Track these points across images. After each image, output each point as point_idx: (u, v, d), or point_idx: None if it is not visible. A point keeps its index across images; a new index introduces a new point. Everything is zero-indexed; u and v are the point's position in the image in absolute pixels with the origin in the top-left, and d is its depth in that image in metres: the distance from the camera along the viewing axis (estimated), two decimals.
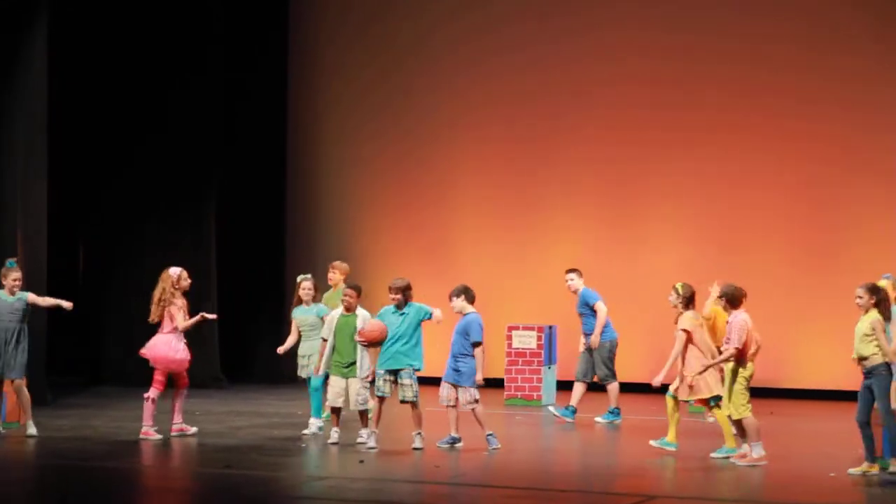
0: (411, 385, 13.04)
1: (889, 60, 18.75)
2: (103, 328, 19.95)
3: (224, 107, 20.32)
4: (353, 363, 13.24)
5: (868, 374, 11.83)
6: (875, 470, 11.84)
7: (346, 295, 13.55)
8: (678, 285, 13.51)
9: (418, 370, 13.10)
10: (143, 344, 19.62)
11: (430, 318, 13.20)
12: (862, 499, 11.35)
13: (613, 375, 16.01)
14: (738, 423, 12.57)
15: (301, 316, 14.52)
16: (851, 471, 11.89)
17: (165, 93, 19.87)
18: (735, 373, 12.49)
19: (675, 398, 13.37)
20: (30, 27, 17.29)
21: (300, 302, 14.54)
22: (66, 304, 14.12)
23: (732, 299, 12.63)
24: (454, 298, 13.35)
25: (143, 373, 19.38)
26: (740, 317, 12.51)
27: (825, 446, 13.83)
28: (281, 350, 14.66)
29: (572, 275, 16.27)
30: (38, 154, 17.46)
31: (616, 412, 15.81)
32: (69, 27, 19.25)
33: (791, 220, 19.10)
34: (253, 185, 20.84)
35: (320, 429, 14.05)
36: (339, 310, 13.58)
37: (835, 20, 18.96)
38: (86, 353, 19.73)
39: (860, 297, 11.95)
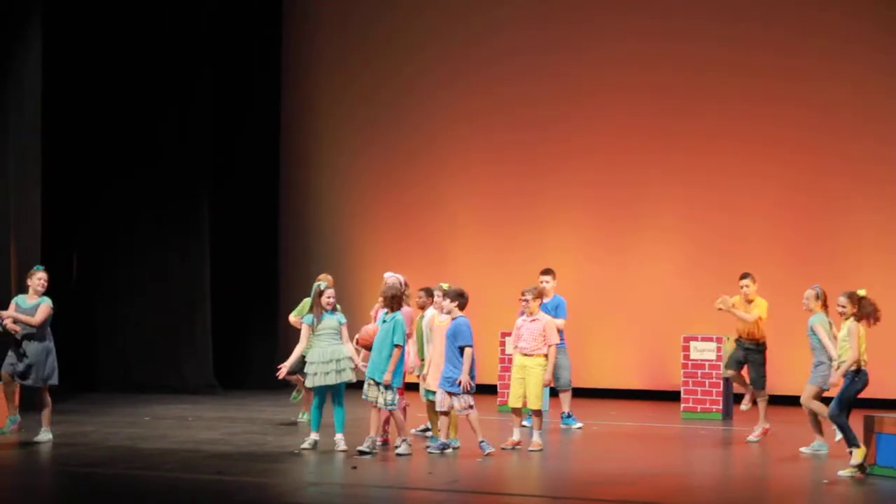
0: (383, 393, 13.02)
1: (889, 71, 18.78)
2: (96, 334, 19.95)
3: (217, 116, 20.35)
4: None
5: None
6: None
7: (418, 297, 14.25)
8: (444, 284, 13.98)
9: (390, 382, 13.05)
10: (135, 349, 19.74)
11: (395, 345, 13.03)
12: None
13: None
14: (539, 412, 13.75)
15: (326, 321, 13.54)
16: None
17: (159, 101, 19.87)
18: (537, 367, 13.60)
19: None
20: (24, 33, 17.29)
21: (321, 310, 13.51)
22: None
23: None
24: (446, 300, 13.37)
25: (135, 379, 19.48)
26: (547, 317, 13.86)
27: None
28: (291, 361, 13.68)
29: (547, 277, 16.09)
30: (32, 159, 17.45)
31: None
32: (63, 31, 19.25)
33: (785, 227, 19.14)
34: (246, 193, 20.86)
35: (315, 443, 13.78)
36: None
37: (834, 29, 19.00)
38: (79, 358, 19.70)
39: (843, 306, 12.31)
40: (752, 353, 14.98)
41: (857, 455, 12.04)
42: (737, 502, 11.42)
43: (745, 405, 14.94)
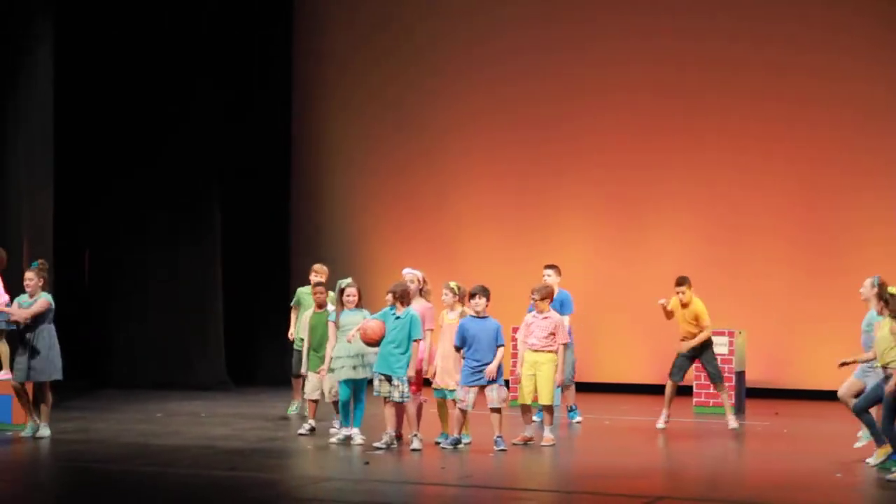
0: (398, 387, 13.06)
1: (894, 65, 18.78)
2: (109, 332, 19.97)
3: (228, 114, 20.33)
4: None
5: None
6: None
7: (318, 293, 14.57)
8: (453, 284, 13.84)
9: (405, 376, 13.08)
10: (147, 347, 19.75)
11: (415, 340, 13.10)
12: (868, 499, 11.34)
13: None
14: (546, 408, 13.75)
15: (349, 318, 13.69)
16: (870, 460, 12.01)
17: (169, 98, 19.86)
18: (549, 363, 13.67)
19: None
20: (36, 38, 17.32)
21: (342, 307, 13.76)
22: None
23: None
24: (478, 298, 13.33)
25: (147, 376, 19.51)
26: (558, 315, 13.99)
27: (831, 447, 13.81)
28: (326, 361, 13.78)
29: (549, 271, 16.08)
30: (43, 163, 17.47)
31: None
32: (66, 32, 19.17)
33: (794, 222, 19.11)
34: (257, 191, 20.86)
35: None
36: (311, 309, 14.66)
37: (842, 24, 18.94)
38: (91, 356, 19.73)
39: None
40: (702, 352, 15.42)
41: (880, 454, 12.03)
42: (750, 496, 11.42)
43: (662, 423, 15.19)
